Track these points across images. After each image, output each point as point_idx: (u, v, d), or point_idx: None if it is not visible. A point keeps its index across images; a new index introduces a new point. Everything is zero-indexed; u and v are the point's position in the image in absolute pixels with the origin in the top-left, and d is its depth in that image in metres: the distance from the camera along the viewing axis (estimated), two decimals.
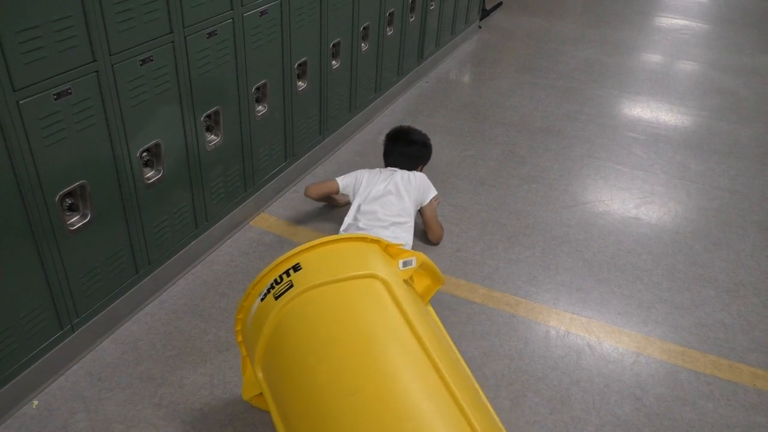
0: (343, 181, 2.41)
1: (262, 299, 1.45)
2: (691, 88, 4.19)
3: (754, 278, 2.40)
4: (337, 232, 2.34)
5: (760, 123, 3.71)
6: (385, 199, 2.28)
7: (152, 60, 1.80)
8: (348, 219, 2.29)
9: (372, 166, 2.94)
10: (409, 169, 2.48)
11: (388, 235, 2.15)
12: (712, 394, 1.89)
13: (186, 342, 1.96)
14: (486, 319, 2.13)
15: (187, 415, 1.73)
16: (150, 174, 1.95)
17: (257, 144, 2.44)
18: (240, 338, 1.58)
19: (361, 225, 2.21)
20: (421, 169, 2.57)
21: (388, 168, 2.49)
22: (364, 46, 3.07)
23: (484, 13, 5.16)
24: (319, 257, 1.47)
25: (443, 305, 2.17)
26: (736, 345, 2.08)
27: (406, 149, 2.51)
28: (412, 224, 2.28)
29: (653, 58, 4.78)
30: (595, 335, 2.09)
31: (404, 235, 2.21)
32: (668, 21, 5.68)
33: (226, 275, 2.25)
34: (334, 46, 2.79)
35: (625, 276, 2.37)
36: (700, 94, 4.09)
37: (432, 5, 3.82)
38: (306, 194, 2.47)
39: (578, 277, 2.35)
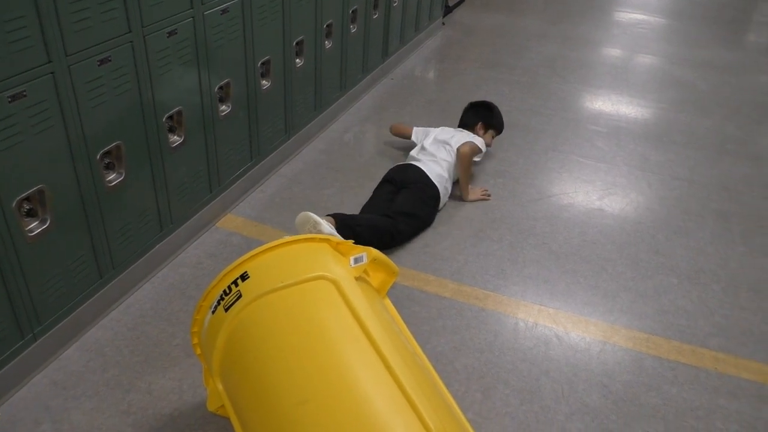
0: (416, 131, 2.99)
1: (213, 312, 1.43)
2: (650, 81, 4.29)
3: (714, 265, 2.47)
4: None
5: (717, 114, 3.82)
6: (444, 145, 2.78)
7: (111, 60, 1.76)
8: (412, 153, 2.82)
9: (338, 165, 2.94)
10: (471, 126, 2.99)
11: (436, 168, 2.66)
12: (676, 379, 1.94)
13: (154, 347, 1.93)
14: (456, 313, 2.14)
15: (156, 421, 1.70)
16: (111, 177, 1.91)
17: (222, 144, 2.41)
18: (198, 351, 1.56)
19: (419, 157, 2.74)
20: (485, 131, 3.01)
21: (459, 128, 2.99)
22: (327, 44, 3.06)
23: (447, 10, 5.19)
24: (267, 263, 1.45)
25: (413, 301, 2.18)
26: (698, 330, 2.14)
27: (468, 111, 3.08)
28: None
29: (613, 52, 4.87)
30: (563, 326, 2.12)
31: (451, 173, 2.72)
32: (627, 16, 5.79)
33: (193, 278, 2.22)
34: (297, 44, 2.77)
35: (590, 266, 2.41)
36: (659, 87, 4.18)
37: (395, 2, 3.82)
38: (390, 130, 3.11)
39: (545, 269, 2.39)
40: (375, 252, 1.58)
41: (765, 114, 3.88)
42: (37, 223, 1.69)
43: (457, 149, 2.72)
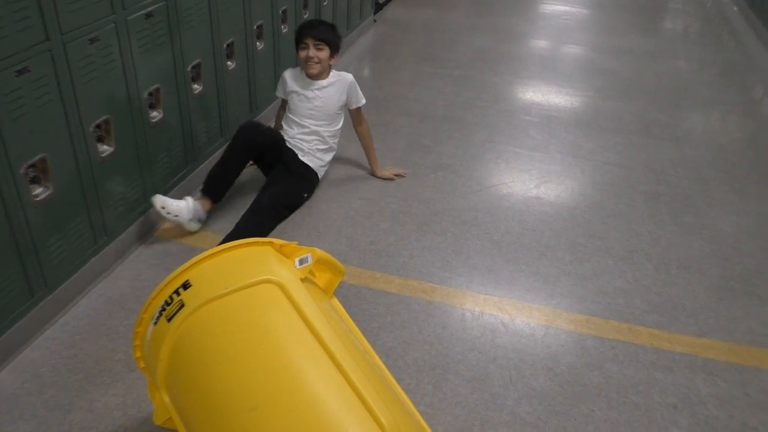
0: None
1: (155, 323, 1.39)
2: (577, 70, 4.43)
3: (646, 244, 2.58)
4: None
5: (640, 99, 3.98)
6: None
7: (29, 70, 1.68)
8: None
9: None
10: None
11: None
12: (617, 357, 2.02)
13: (94, 364, 1.86)
14: (404, 308, 2.16)
15: None
16: (38, 191, 1.83)
17: (154, 151, 2.34)
18: (142, 364, 1.52)
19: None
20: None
21: None
22: (259, 45, 3.02)
23: (378, 7, 5.21)
24: (209, 270, 1.42)
25: (360, 298, 2.18)
26: (635, 309, 2.23)
27: None
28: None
29: (540, 43, 5.00)
30: (508, 313, 2.18)
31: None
32: (551, 8, 5.97)
33: (132, 290, 2.15)
34: (228, 46, 2.72)
35: (531, 253, 2.48)
36: (585, 76, 4.33)
37: (325, 2, 3.81)
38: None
39: (489, 258, 2.44)
40: (320, 252, 1.57)
41: (684, 98, 4.08)
42: None
43: None
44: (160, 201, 2.32)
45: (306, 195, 2.70)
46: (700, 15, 6.17)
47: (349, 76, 2.76)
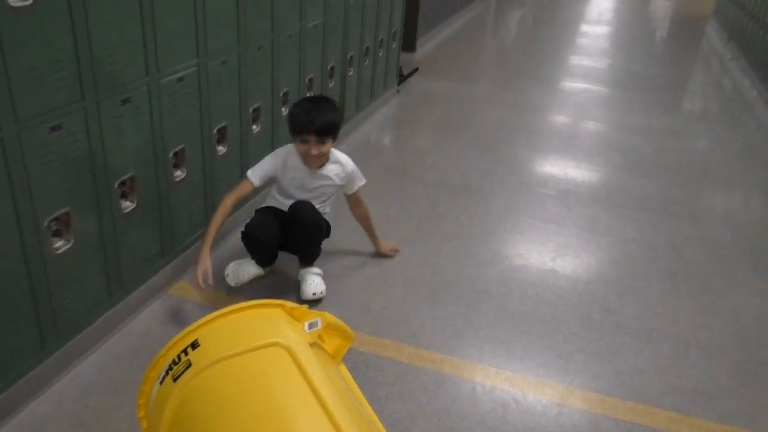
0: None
1: (161, 382, 1.39)
2: (596, 146, 4.48)
3: (664, 323, 2.53)
4: (259, 298, 2.32)
5: (660, 178, 3.99)
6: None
7: (62, 128, 1.75)
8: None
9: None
10: None
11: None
12: None
13: (98, 420, 1.84)
14: (413, 378, 2.12)
15: None
16: (59, 244, 1.86)
17: (176, 209, 2.39)
18: (145, 424, 1.50)
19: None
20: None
21: None
22: (284, 110, 3.11)
23: (402, 78, 5.37)
24: (218, 330, 1.42)
25: (369, 366, 2.15)
26: (652, 389, 2.17)
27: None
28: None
29: (559, 119, 5.09)
30: (520, 388, 2.12)
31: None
32: (570, 85, 6.10)
33: (143, 347, 2.15)
34: (254, 111, 2.81)
35: (545, 327, 2.44)
36: (604, 152, 4.37)
37: (350, 71, 3.94)
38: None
39: (501, 330, 2.40)
40: (330, 317, 1.57)
41: (703, 176, 4.09)
42: None
43: None
44: (233, 278, 2.51)
45: (325, 226, 2.60)
46: (719, 97, 6.26)
47: (350, 165, 2.62)
